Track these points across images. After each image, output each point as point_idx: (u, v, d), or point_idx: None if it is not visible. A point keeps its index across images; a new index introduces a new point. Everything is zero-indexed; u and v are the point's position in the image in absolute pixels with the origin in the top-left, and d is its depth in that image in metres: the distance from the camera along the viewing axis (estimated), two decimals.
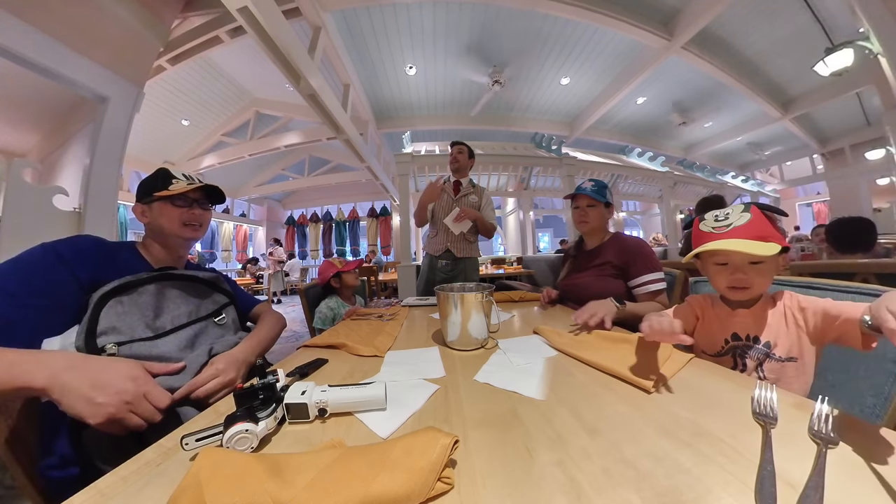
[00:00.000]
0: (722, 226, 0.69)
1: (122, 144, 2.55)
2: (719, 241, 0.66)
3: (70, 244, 0.72)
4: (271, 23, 2.30)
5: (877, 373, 0.64)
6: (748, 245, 0.63)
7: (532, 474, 0.36)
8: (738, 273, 0.68)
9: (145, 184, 0.86)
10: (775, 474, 0.34)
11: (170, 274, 0.81)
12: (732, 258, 0.69)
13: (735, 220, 0.68)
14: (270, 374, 0.52)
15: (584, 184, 1.40)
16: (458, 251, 2.07)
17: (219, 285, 0.92)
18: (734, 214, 0.69)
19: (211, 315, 0.84)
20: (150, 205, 0.84)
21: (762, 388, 0.49)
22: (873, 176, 7.03)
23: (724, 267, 0.71)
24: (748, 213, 0.68)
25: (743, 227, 0.66)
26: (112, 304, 0.67)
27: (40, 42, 2.02)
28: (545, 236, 13.36)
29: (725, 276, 0.70)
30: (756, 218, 0.67)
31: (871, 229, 1.73)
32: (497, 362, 0.74)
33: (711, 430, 0.43)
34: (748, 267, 0.68)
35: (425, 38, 4.24)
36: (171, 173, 0.88)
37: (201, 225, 0.90)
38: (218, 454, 0.37)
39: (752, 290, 0.69)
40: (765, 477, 0.33)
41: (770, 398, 0.47)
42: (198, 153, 6.54)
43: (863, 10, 2.88)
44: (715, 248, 0.66)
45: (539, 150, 6.48)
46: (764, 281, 0.69)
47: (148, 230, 0.86)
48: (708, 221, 0.72)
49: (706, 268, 0.76)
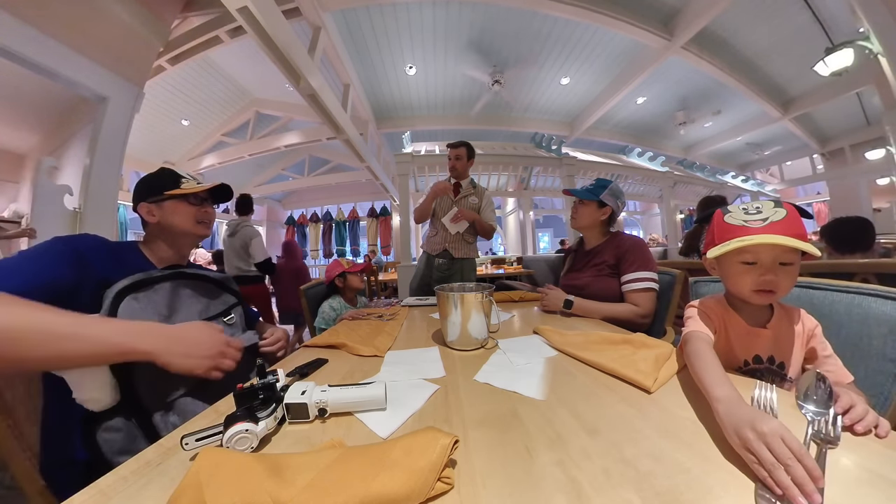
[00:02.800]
0: (756, 219, 0.61)
1: (122, 144, 2.56)
2: (763, 236, 0.58)
3: (82, 240, 0.72)
4: (271, 23, 2.30)
5: (877, 373, 0.64)
6: (796, 241, 0.55)
7: (532, 474, 0.36)
8: (769, 275, 0.61)
9: (151, 183, 0.85)
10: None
11: (182, 272, 0.81)
12: (763, 258, 0.61)
13: (770, 215, 0.61)
14: (270, 373, 0.52)
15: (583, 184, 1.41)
16: (456, 251, 2.07)
17: (228, 285, 0.93)
18: (766, 209, 0.62)
19: (220, 314, 0.85)
20: (161, 204, 0.83)
21: (762, 388, 0.48)
22: (873, 176, 7.01)
23: (751, 267, 0.63)
24: (783, 209, 0.61)
25: (781, 222, 0.59)
26: (128, 300, 0.66)
27: (40, 42, 2.02)
28: (545, 236, 13.34)
29: (753, 278, 0.62)
30: (792, 214, 0.60)
31: (870, 229, 1.73)
32: (497, 362, 0.74)
33: (711, 430, 0.43)
34: (778, 268, 0.61)
35: (425, 38, 4.24)
36: (178, 172, 0.88)
37: (211, 223, 0.91)
38: (218, 454, 0.37)
39: (778, 293, 0.62)
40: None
41: (770, 398, 0.46)
42: (198, 153, 6.54)
43: (863, 10, 2.88)
44: (760, 243, 0.58)
45: (539, 150, 6.48)
46: (790, 284, 0.62)
47: (154, 229, 0.85)
48: (736, 214, 0.64)
49: (728, 267, 0.67)
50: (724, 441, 0.41)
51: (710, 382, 0.47)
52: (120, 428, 0.60)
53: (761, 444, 0.34)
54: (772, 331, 0.66)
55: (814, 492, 0.30)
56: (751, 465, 0.34)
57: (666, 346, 0.72)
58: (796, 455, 0.32)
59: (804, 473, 0.30)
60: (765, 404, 0.46)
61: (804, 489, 0.30)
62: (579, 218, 1.41)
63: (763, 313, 0.68)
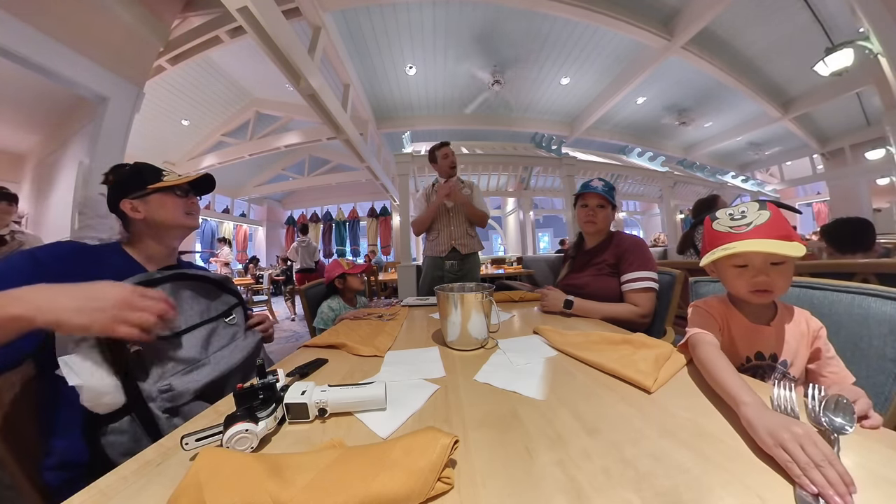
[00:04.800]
0: (741, 224, 0.63)
1: (122, 144, 2.55)
2: (745, 242, 0.61)
3: (47, 250, 0.70)
4: (271, 23, 2.30)
5: (877, 373, 0.64)
6: (776, 245, 0.58)
7: (532, 474, 0.36)
8: (761, 276, 0.63)
9: (132, 179, 0.82)
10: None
11: (183, 273, 0.80)
12: (753, 260, 0.63)
13: (754, 219, 0.63)
14: (270, 373, 0.52)
15: (593, 182, 1.37)
16: (464, 248, 2.06)
17: (228, 286, 0.92)
18: (751, 212, 0.64)
19: (221, 315, 0.83)
20: (146, 198, 0.81)
21: (780, 387, 0.48)
22: (873, 176, 7.02)
23: (743, 269, 0.65)
24: (766, 211, 0.63)
25: (764, 225, 0.61)
26: None
27: (40, 42, 2.02)
28: (545, 236, 13.34)
29: (746, 280, 0.65)
30: (776, 216, 0.63)
31: (871, 229, 1.73)
32: (497, 362, 0.74)
33: (711, 430, 0.43)
34: (770, 268, 0.63)
35: (425, 38, 4.24)
36: (157, 166, 0.86)
37: (198, 213, 0.91)
38: (218, 454, 0.37)
39: (775, 292, 0.64)
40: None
41: (790, 397, 0.46)
42: (198, 153, 6.54)
43: (863, 10, 2.88)
44: (742, 251, 0.60)
45: (539, 150, 6.48)
46: (786, 283, 0.64)
47: (140, 226, 0.82)
48: (723, 220, 0.67)
49: (723, 270, 0.70)
50: (724, 441, 0.41)
51: (735, 387, 0.48)
52: (125, 430, 0.59)
53: (797, 445, 0.35)
54: (775, 328, 0.67)
55: (846, 493, 0.31)
56: (784, 465, 0.35)
57: (666, 346, 0.72)
58: (828, 458, 0.33)
59: (836, 475, 0.32)
60: (785, 405, 0.46)
61: (838, 489, 0.31)
62: (600, 222, 1.35)
63: (766, 312, 0.69)
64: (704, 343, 0.62)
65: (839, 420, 0.40)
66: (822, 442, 0.36)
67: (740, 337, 0.70)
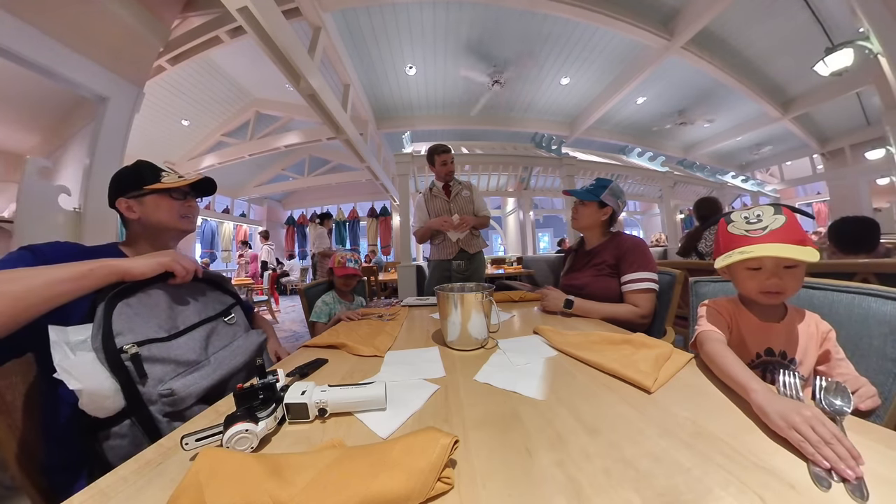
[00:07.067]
0: (756, 228, 0.64)
1: (122, 144, 2.55)
2: (762, 246, 0.61)
3: (53, 247, 0.69)
4: (271, 23, 2.30)
5: (877, 372, 0.64)
6: (793, 251, 0.59)
7: (532, 474, 0.36)
8: (773, 278, 0.64)
9: (130, 177, 0.81)
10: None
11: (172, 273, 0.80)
12: (766, 263, 0.64)
13: (770, 223, 0.64)
14: (270, 373, 0.52)
15: (579, 184, 1.41)
16: (471, 248, 2.11)
17: (224, 285, 0.91)
18: (766, 216, 0.65)
19: (220, 314, 0.82)
20: (142, 199, 0.80)
21: (785, 374, 0.50)
22: (873, 176, 7.01)
23: (756, 272, 0.66)
24: (782, 216, 0.64)
25: (780, 230, 0.62)
26: (121, 306, 0.63)
27: (40, 42, 2.02)
28: (545, 236, 13.34)
29: (759, 282, 0.66)
30: (791, 220, 0.63)
31: (875, 229, 1.73)
32: (497, 362, 0.74)
33: (711, 430, 0.43)
34: (783, 272, 0.64)
35: (425, 38, 4.24)
36: (157, 166, 0.85)
37: (195, 217, 0.89)
38: (218, 454, 0.37)
39: (786, 294, 0.65)
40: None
41: (794, 384, 0.48)
42: (198, 153, 6.54)
43: (863, 10, 2.88)
44: (760, 255, 0.61)
45: (539, 150, 6.47)
46: (797, 285, 0.65)
47: (136, 227, 0.82)
48: (738, 223, 0.67)
49: (735, 271, 0.71)
50: (724, 441, 0.41)
51: (744, 376, 0.51)
52: (125, 434, 0.58)
53: (807, 426, 0.39)
54: (784, 326, 0.69)
55: (855, 465, 0.34)
56: (798, 444, 0.38)
57: (666, 346, 0.72)
58: (836, 436, 0.37)
59: (844, 451, 0.35)
60: (790, 392, 0.48)
61: (847, 463, 0.34)
62: (580, 219, 1.41)
63: (776, 311, 0.70)
64: (712, 339, 0.64)
65: (838, 402, 0.44)
66: (830, 422, 0.39)
67: (750, 334, 0.71)
